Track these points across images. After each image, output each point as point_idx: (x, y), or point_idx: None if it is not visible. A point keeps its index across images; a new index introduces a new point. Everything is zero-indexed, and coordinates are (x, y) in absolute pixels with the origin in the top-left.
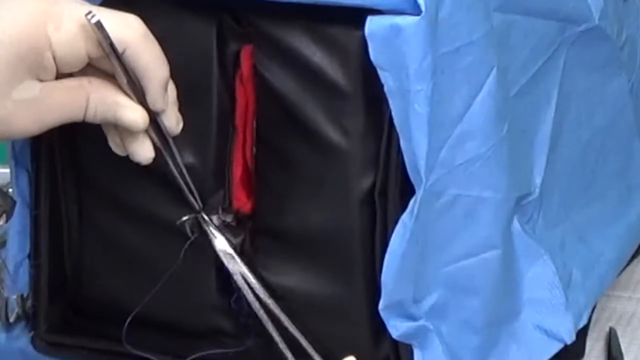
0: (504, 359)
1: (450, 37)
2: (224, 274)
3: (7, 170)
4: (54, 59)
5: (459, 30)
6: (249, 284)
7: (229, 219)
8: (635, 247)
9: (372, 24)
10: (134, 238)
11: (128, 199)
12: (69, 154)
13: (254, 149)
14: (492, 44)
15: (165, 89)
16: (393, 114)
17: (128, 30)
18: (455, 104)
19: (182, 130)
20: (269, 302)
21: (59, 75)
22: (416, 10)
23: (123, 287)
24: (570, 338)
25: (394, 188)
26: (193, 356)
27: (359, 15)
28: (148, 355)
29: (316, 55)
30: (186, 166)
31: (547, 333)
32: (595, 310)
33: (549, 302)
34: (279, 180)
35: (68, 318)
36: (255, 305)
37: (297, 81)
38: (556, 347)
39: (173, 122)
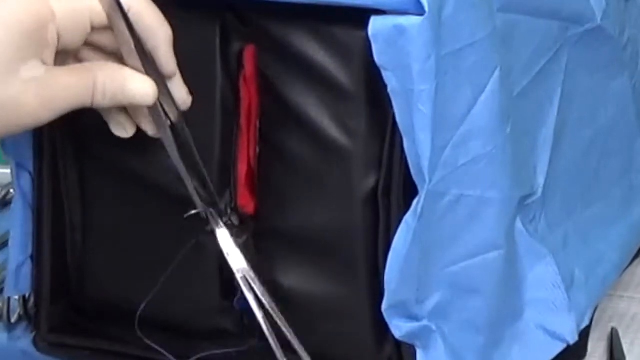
0: (506, 359)
1: (454, 37)
2: (227, 274)
3: (8, 171)
4: (58, 32)
5: (462, 30)
6: (250, 284)
7: (234, 219)
8: (638, 246)
9: (376, 24)
10: (136, 238)
11: (131, 200)
12: (71, 154)
13: (257, 149)
14: (495, 44)
15: (172, 49)
16: (396, 114)
17: None
18: (459, 104)
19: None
20: (268, 302)
21: (62, 60)
22: (420, 11)
23: (125, 288)
24: (573, 338)
25: (397, 188)
26: (196, 356)
27: (362, 16)
28: (153, 355)
29: (319, 56)
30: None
31: (549, 333)
32: (597, 311)
33: (552, 303)
34: (282, 180)
35: (70, 318)
36: (254, 304)
37: (300, 81)
38: (559, 348)
39: (183, 91)
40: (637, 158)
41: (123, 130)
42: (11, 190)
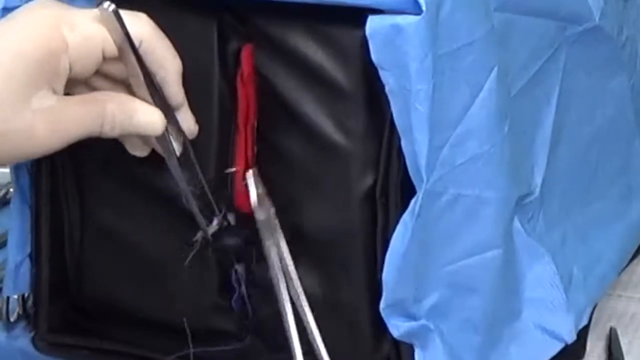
0: (504, 358)
1: (451, 36)
2: (225, 274)
3: (7, 170)
4: (70, 62)
5: (460, 29)
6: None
7: (231, 218)
8: (636, 246)
9: (373, 23)
10: (135, 238)
11: (129, 199)
12: (69, 153)
13: (255, 149)
14: (493, 44)
15: (181, 81)
16: (394, 113)
17: (140, 24)
18: (456, 104)
19: None
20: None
21: (72, 87)
22: (417, 10)
23: (124, 287)
24: (571, 338)
25: (394, 187)
26: (178, 354)
27: (360, 15)
28: (152, 354)
29: (317, 55)
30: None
31: (548, 333)
32: (596, 310)
33: (550, 302)
34: (279, 180)
35: (69, 318)
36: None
37: (297, 80)
38: (557, 347)
39: (191, 121)
40: (635, 157)
41: (138, 150)
42: (10, 190)
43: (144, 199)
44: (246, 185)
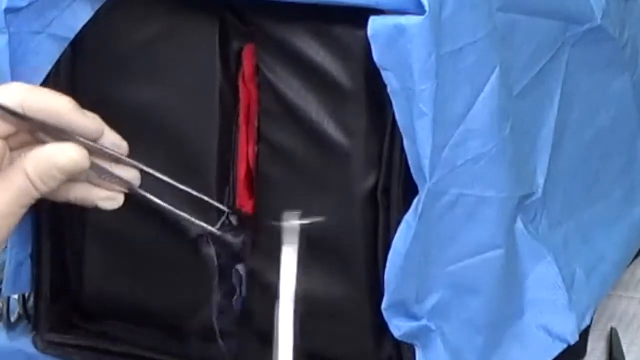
0: (507, 359)
1: (454, 36)
2: (225, 274)
3: None
4: None
5: (462, 29)
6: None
7: (233, 218)
8: (639, 246)
9: (375, 24)
10: (136, 237)
11: (130, 199)
12: None
13: (257, 149)
14: (495, 44)
15: (82, 111)
16: (396, 114)
17: (11, 90)
18: (458, 104)
19: (185, 129)
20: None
21: None
22: (420, 10)
23: (125, 287)
24: (574, 338)
25: (396, 187)
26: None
27: (362, 15)
28: (153, 355)
29: (319, 55)
30: (191, 165)
31: (550, 333)
32: (597, 310)
33: (553, 303)
34: (281, 180)
35: (70, 318)
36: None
37: (299, 81)
38: (560, 348)
39: (117, 139)
40: (638, 158)
41: (110, 202)
42: None
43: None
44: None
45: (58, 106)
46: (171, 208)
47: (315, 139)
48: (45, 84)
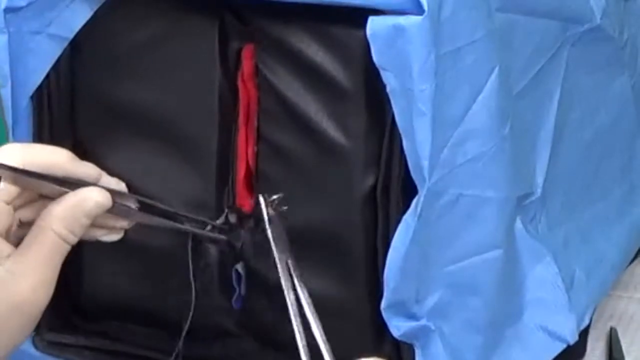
0: (506, 359)
1: (453, 36)
2: (225, 273)
3: None
4: None
5: (461, 29)
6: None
7: (232, 217)
8: (638, 246)
9: (374, 24)
10: (136, 237)
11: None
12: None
13: (256, 148)
14: (494, 44)
15: (78, 160)
16: (396, 114)
17: (8, 151)
18: (457, 104)
19: (185, 128)
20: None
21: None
22: (419, 10)
23: (125, 287)
24: (573, 338)
25: (395, 187)
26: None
27: (361, 15)
28: (153, 354)
29: (318, 55)
30: (191, 164)
31: (550, 333)
32: (596, 310)
33: (552, 303)
34: (280, 179)
35: (70, 318)
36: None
37: (299, 80)
38: (559, 348)
39: (112, 181)
40: (637, 158)
41: (111, 236)
42: None
43: (145, 198)
44: (259, 209)
45: (58, 159)
46: (173, 224)
47: (315, 138)
48: (45, 83)
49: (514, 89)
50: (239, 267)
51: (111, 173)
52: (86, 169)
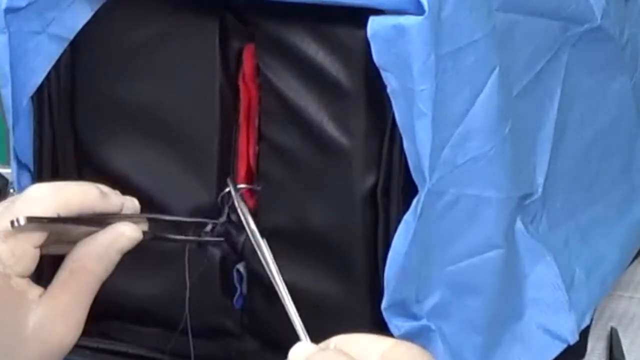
0: (506, 359)
1: (453, 36)
2: (226, 273)
3: (8, 171)
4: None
5: (462, 29)
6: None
7: (233, 217)
8: (638, 246)
9: (375, 24)
10: None
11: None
12: (71, 154)
13: (257, 148)
14: (495, 44)
15: (104, 192)
16: (396, 114)
17: (41, 198)
18: (457, 104)
19: (185, 128)
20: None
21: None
22: (419, 10)
23: (125, 287)
24: (573, 338)
25: (396, 187)
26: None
27: (362, 15)
28: (153, 354)
29: (319, 55)
30: (192, 165)
31: (550, 333)
32: (597, 310)
33: (552, 303)
34: (281, 179)
35: None
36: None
37: (299, 80)
38: (559, 348)
39: (130, 204)
40: (637, 158)
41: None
42: (11, 191)
43: (144, 199)
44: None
45: (89, 198)
46: (176, 236)
47: (315, 138)
48: (45, 83)
49: (514, 89)
50: (241, 266)
51: (112, 173)
52: (114, 203)
